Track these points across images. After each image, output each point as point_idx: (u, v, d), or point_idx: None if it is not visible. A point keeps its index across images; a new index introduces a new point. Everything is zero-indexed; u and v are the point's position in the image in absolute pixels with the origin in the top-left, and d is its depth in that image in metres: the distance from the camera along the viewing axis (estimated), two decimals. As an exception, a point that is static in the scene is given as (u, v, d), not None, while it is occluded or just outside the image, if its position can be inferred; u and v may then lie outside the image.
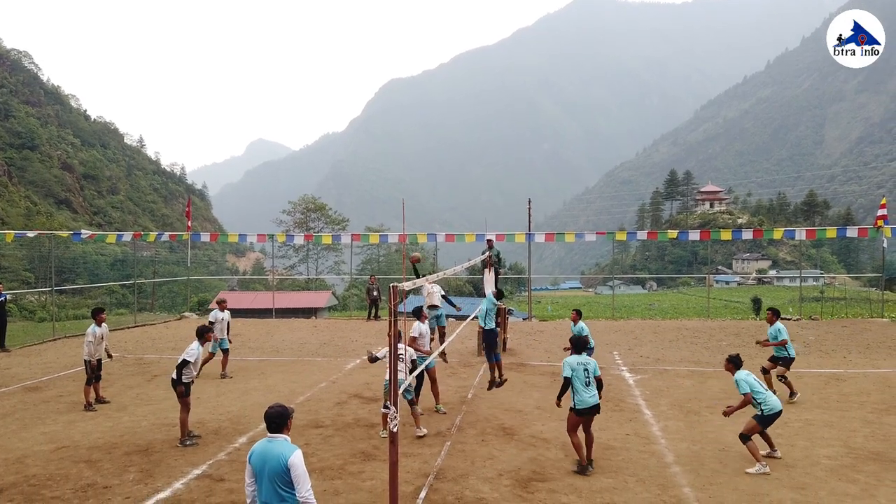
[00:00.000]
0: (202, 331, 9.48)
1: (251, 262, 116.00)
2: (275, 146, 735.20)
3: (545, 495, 7.09)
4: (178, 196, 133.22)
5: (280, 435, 4.56)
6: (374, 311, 23.71)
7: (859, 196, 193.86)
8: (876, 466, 7.87)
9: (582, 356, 7.86)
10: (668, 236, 32.50)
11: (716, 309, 29.41)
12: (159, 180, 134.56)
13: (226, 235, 36.19)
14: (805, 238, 25.37)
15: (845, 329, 20.14)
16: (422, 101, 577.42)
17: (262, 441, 4.61)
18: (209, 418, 10.33)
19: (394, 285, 6.44)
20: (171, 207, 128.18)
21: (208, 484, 7.48)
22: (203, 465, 8.10)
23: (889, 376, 13.06)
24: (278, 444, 4.51)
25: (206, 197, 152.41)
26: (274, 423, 4.57)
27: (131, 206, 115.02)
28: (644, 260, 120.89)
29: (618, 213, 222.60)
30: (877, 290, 30.38)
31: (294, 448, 4.49)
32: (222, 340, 13.81)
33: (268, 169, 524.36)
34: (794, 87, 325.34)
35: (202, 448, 8.81)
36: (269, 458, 4.44)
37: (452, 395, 11.85)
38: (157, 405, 11.20)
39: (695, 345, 17.46)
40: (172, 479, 7.62)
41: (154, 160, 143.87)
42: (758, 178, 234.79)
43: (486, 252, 17.61)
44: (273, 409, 4.63)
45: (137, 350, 17.44)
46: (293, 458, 4.40)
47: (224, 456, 8.47)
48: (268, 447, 4.52)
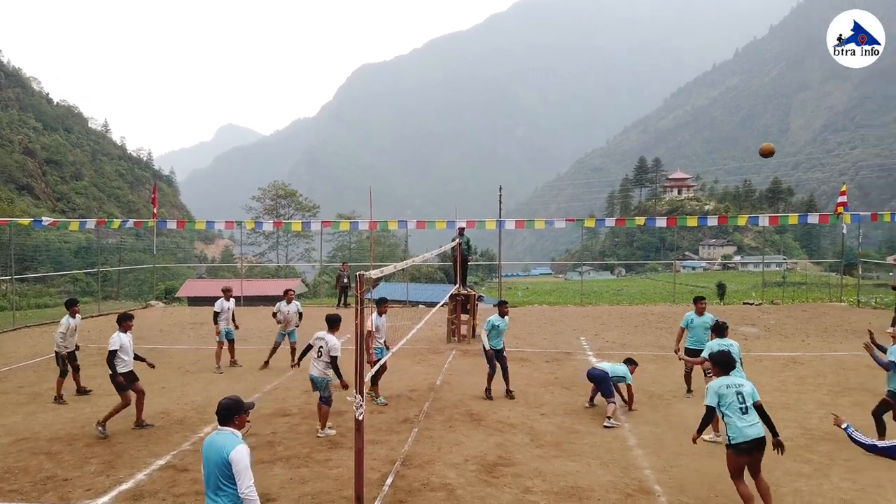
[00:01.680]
0: (121, 318, 9.33)
1: (220, 250, 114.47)
2: (245, 131, 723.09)
3: (510, 479, 7.19)
4: (145, 182, 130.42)
5: (227, 428, 4.47)
6: (344, 298, 23.63)
7: (822, 183, 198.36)
8: (829, 446, 8.14)
9: (732, 377, 6.30)
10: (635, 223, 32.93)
11: (682, 294, 29.95)
12: (125, 166, 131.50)
13: (193, 222, 35.65)
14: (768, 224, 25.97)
15: (805, 313, 20.70)
16: (394, 86, 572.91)
17: (213, 432, 4.55)
18: (174, 408, 10.23)
19: (360, 273, 6.42)
20: (137, 193, 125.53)
21: (172, 474, 7.42)
22: (167, 456, 8.03)
23: (845, 359, 13.47)
24: (223, 436, 4.42)
25: (173, 183, 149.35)
26: (221, 415, 4.49)
27: (96, 192, 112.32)
28: (613, 246, 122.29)
29: (588, 200, 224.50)
30: (836, 275, 31.20)
31: (237, 442, 4.38)
32: (228, 330, 13.39)
33: (238, 154, 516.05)
34: (762, 76, 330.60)
35: (165, 438, 8.73)
36: (213, 450, 4.38)
37: (421, 382, 11.91)
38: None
39: (660, 329, 17.78)
40: (135, 470, 7.54)
41: (119, 145, 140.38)
42: (725, 165, 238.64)
43: (455, 239, 17.68)
44: (224, 400, 4.54)
45: (101, 340, 17.09)
46: (234, 452, 4.28)
47: (188, 446, 8.40)
48: (214, 439, 4.45)
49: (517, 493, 6.81)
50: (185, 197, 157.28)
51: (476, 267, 49.35)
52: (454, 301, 16.29)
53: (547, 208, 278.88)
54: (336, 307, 23.65)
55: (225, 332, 13.24)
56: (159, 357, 14.49)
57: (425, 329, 16.55)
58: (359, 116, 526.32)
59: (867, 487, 6.83)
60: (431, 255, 12.04)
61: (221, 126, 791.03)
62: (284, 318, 13.27)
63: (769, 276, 53.10)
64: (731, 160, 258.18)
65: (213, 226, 29.05)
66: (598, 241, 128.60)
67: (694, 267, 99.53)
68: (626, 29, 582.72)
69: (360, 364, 6.48)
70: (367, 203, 13.16)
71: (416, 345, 15.19)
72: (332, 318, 9.00)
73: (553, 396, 10.85)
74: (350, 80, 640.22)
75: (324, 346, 8.73)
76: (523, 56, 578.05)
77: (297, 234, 63.24)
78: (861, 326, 17.63)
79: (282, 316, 13.29)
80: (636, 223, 31.93)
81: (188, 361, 14.03)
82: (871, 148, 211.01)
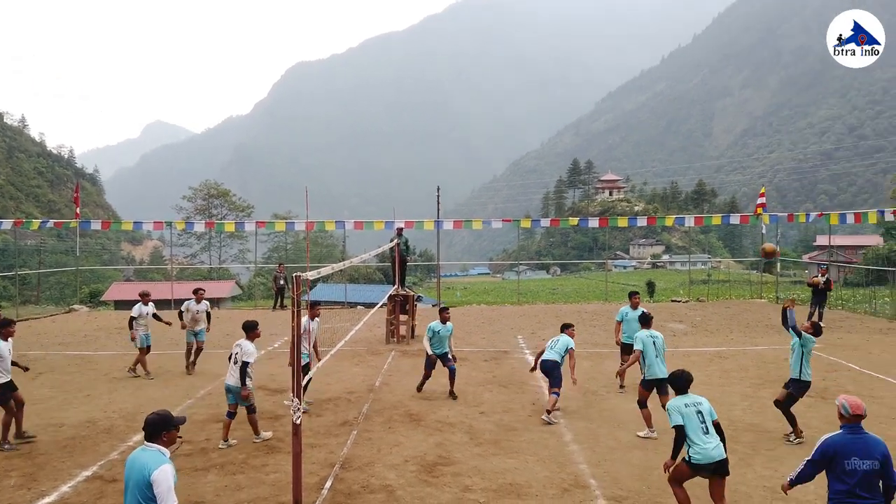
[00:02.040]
0: (0, 325, 8.55)
1: (149, 251, 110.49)
2: (174, 128, 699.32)
3: (450, 479, 7.24)
4: (66, 181, 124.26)
5: (153, 445, 4.16)
6: (280, 300, 23.23)
7: (743, 185, 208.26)
8: (752, 437, 8.57)
9: (690, 395, 6.10)
10: (569, 223, 33.71)
11: (613, 292, 30.86)
12: (44, 163, 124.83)
13: (119, 223, 34.31)
14: (694, 224, 27.10)
15: (728, 309, 21.70)
16: (331, 85, 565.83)
17: (138, 449, 4.24)
18: (100, 416, 9.80)
19: (297, 274, 6.34)
20: (58, 193, 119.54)
21: (99, 486, 7.12)
22: (93, 467, 7.69)
23: (765, 353, 14.21)
24: (148, 454, 4.11)
25: (97, 182, 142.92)
26: (148, 431, 4.19)
27: (13, 191, 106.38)
28: (548, 246, 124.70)
29: (524, 201, 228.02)
30: (757, 273, 32.82)
31: (162, 461, 4.06)
32: (146, 336, 12.77)
33: (167, 152, 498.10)
34: (686, 82, 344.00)
35: (92, 448, 8.36)
36: (135, 468, 4.06)
37: (360, 384, 11.83)
38: (42, 405, 10.49)
39: (594, 327, 18.27)
40: (59, 482, 7.20)
41: (38, 142, 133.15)
42: (653, 168, 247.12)
43: (394, 239, 17.65)
44: (151, 415, 4.25)
45: (21, 346, 16.13)
46: (157, 473, 3.96)
47: (117, 455, 8.07)
48: (138, 456, 4.14)
49: (457, 492, 6.87)
50: (110, 196, 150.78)
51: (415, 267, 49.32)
52: (393, 302, 16.26)
53: (484, 209, 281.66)
54: (272, 309, 23.23)
55: (143, 337, 12.60)
56: (84, 364, 13.89)
57: (364, 330, 16.44)
58: (294, 114, 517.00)
59: (787, 475, 7.22)
60: (370, 255, 12.00)
61: (149, 123, 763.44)
62: (193, 317, 12.83)
63: (695, 275, 55.23)
64: (659, 162, 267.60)
65: (141, 226, 28.02)
66: (534, 242, 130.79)
67: (625, 266, 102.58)
68: (556, 34, 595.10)
69: (296, 367, 6.39)
70: (304, 203, 12.95)
71: (354, 346, 15.08)
72: (247, 325, 8.58)
73: (492, 395, 10.99)
74: (285, 78, 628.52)
75: (238, 353, 8.32)
76: (459, 57, 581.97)
77: (230, 234, 61.66)
78: (779, 322, 18.59)
79: (190, 315, 12.80)
80: (570, 223, 32.70)
81: (115, 367, 13.46)
82: (787, 152, 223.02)
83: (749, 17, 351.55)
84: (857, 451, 4.54)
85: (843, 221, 23.95)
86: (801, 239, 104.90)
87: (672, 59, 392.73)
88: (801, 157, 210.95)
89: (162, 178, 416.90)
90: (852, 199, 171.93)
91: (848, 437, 4.63)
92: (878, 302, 21.84)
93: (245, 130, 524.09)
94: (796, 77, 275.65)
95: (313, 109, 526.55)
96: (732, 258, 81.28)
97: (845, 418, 4.73)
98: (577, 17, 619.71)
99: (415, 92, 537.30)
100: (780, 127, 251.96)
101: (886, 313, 20.07)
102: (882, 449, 4.58)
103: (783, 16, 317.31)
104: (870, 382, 11.43)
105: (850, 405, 4.72)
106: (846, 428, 4.71)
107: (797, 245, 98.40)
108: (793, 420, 8.36)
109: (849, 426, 4.70)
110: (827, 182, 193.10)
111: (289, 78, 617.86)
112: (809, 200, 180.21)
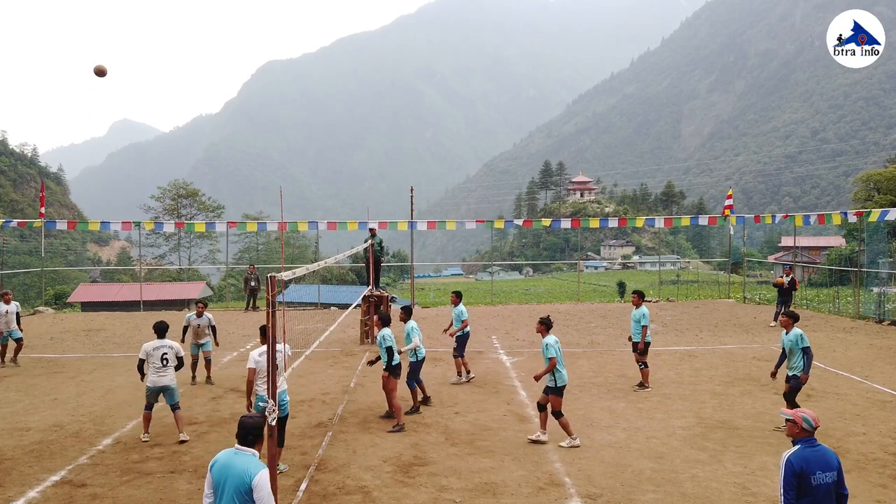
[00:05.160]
0: None
1: (116, 252, 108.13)
2: (142, 127, 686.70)
3: (426, 479, 7.26)
4: (30, 180, 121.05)
5: (249, 449, 4.20)
6: (253, 301, 22.97)
7: (710, 187, 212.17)
8: (722, 434, 8.75)
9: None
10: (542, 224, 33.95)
11: (585, 293, 31.18)
12: (6, 162, 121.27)
13: (86, 223, 33.54)
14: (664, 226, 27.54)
15: (697, 309, 22.08)
16: (302, 84, 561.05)
17: (228, 452, 4.25)
18: (68, 420, 9.60)
19: (271, 275, 6.30)
20: (21, 192, 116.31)
21: (68, 490, 6.98)
22: (62, 471, 7.53)
23: (734, 352, 14.50)
24: (245, 458, 4.16)
25: (62, 181, 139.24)
26: (248, 436, 4.21)
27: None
28: (521, 247, 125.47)
29: (497, 202, 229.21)
30: (725, 274, 33.43)
31: (261, 466, 4.15)
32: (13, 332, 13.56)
33: (134, 151, 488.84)
34: (655, 85, 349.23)
35: (60, 452, 8.18)
36: (233, 472, 4.09)
37: (334, 385, 11.78)
38: (6, 409, 10.24)
39: (567, 327, 18.43)
40: (26, 488, 7.03)
41: (0, 140, 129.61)
42: (623, 170, 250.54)
43: (368, 240, 17.59)
44: (250, 419, 4.30)
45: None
46: (258, 478, 4.05)
47: (86, 460, 7.92)
48: (233, 460, 4.16)
49: (433, 492, 6.89)
50: (76, 196, 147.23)
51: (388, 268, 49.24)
52: (367, 302, 16.21)
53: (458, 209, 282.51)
54: (245, 310, 22.96)
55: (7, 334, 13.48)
56: (51, 366, 13.58)
57: (338, 331, 16.37)
58: (265, 114, 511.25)
59: (756, 471, 7.40)
60: (344, 255, 11.92)
61: (116, 121, 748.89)
62: (194, 330, 12.62)
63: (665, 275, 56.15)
64: (629, 164, 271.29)
65: (108, 226, 27.48)
66: (506, 242, 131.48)
67: (596, 266, 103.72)
68: (528, 35, 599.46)
69: (271, 370, 6.34)
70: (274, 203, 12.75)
71: (328, 347, 15.00)
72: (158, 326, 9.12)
73: (466, 395, 11.03)
74: (255, 77, 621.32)
75: (168, 353, 8.80)
76: (431, 57, 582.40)
77: (200, 235, 60.70)
78: (747, 321, 19.04)
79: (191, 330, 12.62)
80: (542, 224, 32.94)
81: (83, 370, 13.18)
82: (753, 155, 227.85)
83: (716, 22, 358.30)
84: (821, 465, 4.49)
85: (807, 223, 24.48)
86: (766, 240, 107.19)
87: (641, 62, 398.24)
88: (767, 160, 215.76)
89: (129, 177, 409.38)
90: (815, 201, 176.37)
91: (808, 452, 4.52)
92: (842, 302, 22.41)
93: (215, 129, 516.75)
94: (761, 81, 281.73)
95: (285, 108, 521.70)
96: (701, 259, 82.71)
97: (807, 431, 4.57)
98: (549, 20, 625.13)
99: (387, 92, 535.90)
100: (746, 130, 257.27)
101: (849, 312, 20.62)
102: (836, 459, 4.59)
103: (749, 21, 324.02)
104: (834, 380, 11.73)
105: (812, 419, 4.58)
106: (805, 442, 4.56)
107: (763, 246, 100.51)
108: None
109: (806, 440, 4.57)
110: (791, 184, 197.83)
111: (260, 77, 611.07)
112: (774, 202, 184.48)
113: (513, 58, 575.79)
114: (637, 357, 11.30)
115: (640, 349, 11.12)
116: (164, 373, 8.72)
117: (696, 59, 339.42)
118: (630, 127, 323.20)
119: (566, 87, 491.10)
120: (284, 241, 62.42)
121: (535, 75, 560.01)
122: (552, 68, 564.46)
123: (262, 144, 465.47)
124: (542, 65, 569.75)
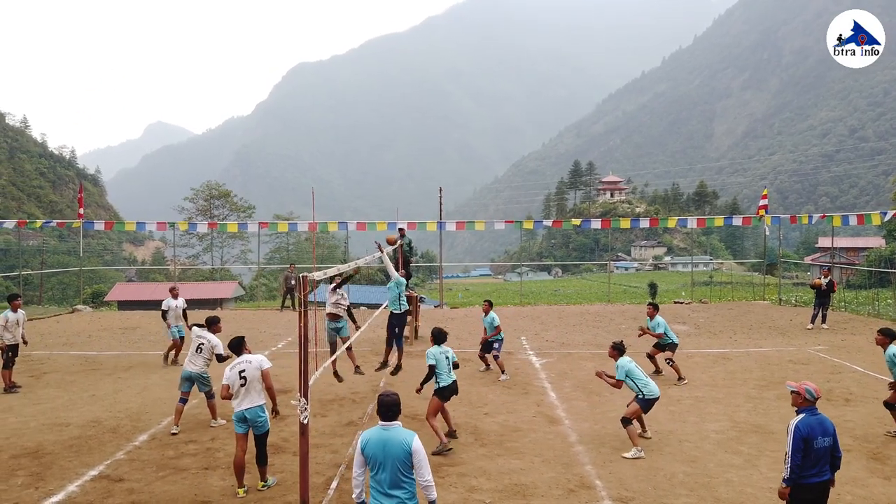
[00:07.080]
0: None
1: (150, 252, 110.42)
2: (175, 129, 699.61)
3: (456, 479, 7.25)
4: (68, 181, 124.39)
5: (395, 422, 4.66)
6: (292, 301, 23.24)
7: (744, 187, 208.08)
8: (757, 438, 8.57)
9: (442, 347, 8.46)
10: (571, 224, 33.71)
11: (616, 294, 30.83)
12: (46, 164, 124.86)
13: (122, 223, 34.24)
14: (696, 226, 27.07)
15: (731, 311, 21.68)
16: (332, 86, 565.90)
17: (375, 429, 4.67)
18: (105, 416, 9.82)
19: (304, 275, 6.37)
20: (60, 193, 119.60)
21: (106, 485, 7.13)
22: (100, 466, 7.71)
23: (769, 354, 14.20)
24: (396, 431, 4.61)
25: (99, 182, 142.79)
26: (389, 411, 4.65)
27: (15, 192, 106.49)
28: (550, 247, 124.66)
29: (525, 202, 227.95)
30: (759, 275, 32.80)
31: (413, 433, 4.60)
32: (179, 328, 13.63)
33: (168, 153, 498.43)
34: (687, 84, 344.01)
35: (98, 448, 8.38)
36: (391, 445, 4.53)
37: (364, 385, 11.85)
38: (46, 405, 10.52)
39: (597, 328, 18.26)
40: (65, 482, 7.21)
41: (40, 142, 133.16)
42: (654, 169, 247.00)
43: (398, 240, 17.63)
44: (388, 396, 4.71)
45: (25, 347, 16.23)
46: (415, 443, 4.54)
47: (123, 455, 8.09)
48: (386, 435, 4.59)
49: (463, 493, 6.88)
50: (112, 197, 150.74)
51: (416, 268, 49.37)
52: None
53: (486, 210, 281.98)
54: (279, 310, 23.23)
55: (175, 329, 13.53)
56: (89, 363, 13.89)
57: (367, 331, 16.45)
58: (295, 116, 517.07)
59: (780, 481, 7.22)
60: (375, 256, 11.95)
61: (150, 124, 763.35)
62: (174, 313, 13.47)
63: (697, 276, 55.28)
64: (660, 164, 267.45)
65: (143, 227, 28.03)
66: (535, 243, 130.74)
67: (627, 267, 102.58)
68: (556, 35, 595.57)
69: (304, 368, 6.41)
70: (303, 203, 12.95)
71: (358, 347, 15.06)
72: (211, 319, 9.29)
73: (496, 396, 10.99)
74: (286, 79, 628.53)
75: (205, 344, 9.11)
76: (459, 58, 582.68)
77: (232, 235, 61.66)
78: (783, 323, 18.63)
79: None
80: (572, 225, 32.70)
81: (120, 368, 13.48)
82: (789, 154, 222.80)
83: (749, 19, 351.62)
84: (821, 431, 5.13)
85: (845, 223, 23.84)
86: (803, 241, 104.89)
87: (672, 60, 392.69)
88: (803, 159, 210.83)
89: (163, 179, 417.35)
90: (854, 200, 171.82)
91: (813, 419, 5.16)
92: (881, 304, 21.81)
93: (246, 131, 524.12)
94: (797, 79, 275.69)
95: (314, 110, 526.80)
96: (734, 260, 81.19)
97: (809, 401, 5.21)
98: (577, 19, 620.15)
99: (416, 92, 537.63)
100: (782, 129, 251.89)
101: (890, 315, 20.05)
102: (832, 426, 5.24)
103: (783, 17, 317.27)
104: (874, 384, 11.43)
105: (813, 390, 5.22)
106: (808, 411, 5.21)
107: (799, 247, 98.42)
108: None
109: (809, 409, 5.21)
110: (828, 184, 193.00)
111: (290, 79, 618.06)
112: (811, 202, 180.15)
113: (541, 57, 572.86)
114: (666, 356, 11.81)
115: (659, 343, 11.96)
116: (192, 360, 9.17)
117: (729, 56, 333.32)
118: (661, 126, 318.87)
119: (595, 87, 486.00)
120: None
121: (563, 74, 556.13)
122: (581, 68, 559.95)
123: (293, 146, 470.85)
124: (571, 64, 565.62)
